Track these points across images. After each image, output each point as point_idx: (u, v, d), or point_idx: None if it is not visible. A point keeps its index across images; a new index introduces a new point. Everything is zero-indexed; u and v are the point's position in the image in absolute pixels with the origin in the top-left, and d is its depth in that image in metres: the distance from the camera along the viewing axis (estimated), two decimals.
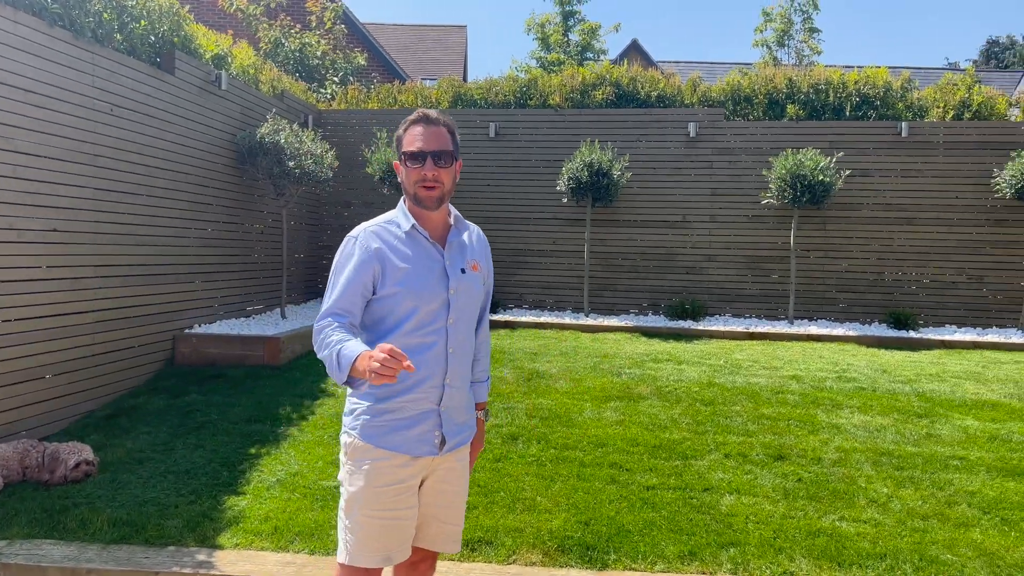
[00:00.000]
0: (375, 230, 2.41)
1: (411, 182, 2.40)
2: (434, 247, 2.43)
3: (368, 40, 18.89)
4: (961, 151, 9.45)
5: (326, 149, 8.59)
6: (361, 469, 2.36)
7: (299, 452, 5.16)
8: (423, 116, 2.41)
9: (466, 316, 2.48)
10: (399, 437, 2.36)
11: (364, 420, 2.38)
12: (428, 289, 2.36)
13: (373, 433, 2.36)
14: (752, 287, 9.89)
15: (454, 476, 2.53)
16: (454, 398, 2.45)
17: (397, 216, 2.46)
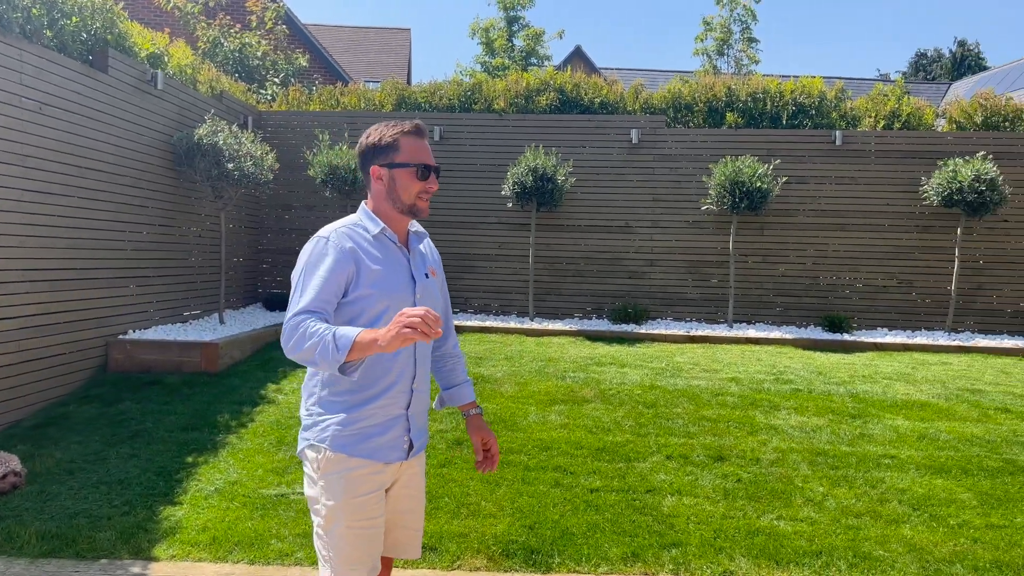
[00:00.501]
0: (345, 231, 2.35)
1: (413, 192, 2.38)
2: (401, 251, 2.42)
3: (310, 41, 18.65)
4: (891, 159, 9.79)
5: (266, 151, 8.45)
6: (338, 481, 2.30)
7: (238, 460, 5.05)
8: (421, 128, 2.42)
9: None
10: (372, 444, 2.32)
11: (334, 431, 2.31)
12: (399, 291, 2.36)
13: (346, 443, 2.30)
14: (693, 291, 10.06)
15: (416, 481, 2.53)
16: (420, 402, 2.45)
17: (363, 220, 2.41)
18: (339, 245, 2.30)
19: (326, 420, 2.32)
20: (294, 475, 4.82)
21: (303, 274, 2.29)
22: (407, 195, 2.38)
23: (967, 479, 4.96)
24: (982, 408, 6.38)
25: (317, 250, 2.31)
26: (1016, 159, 9.57)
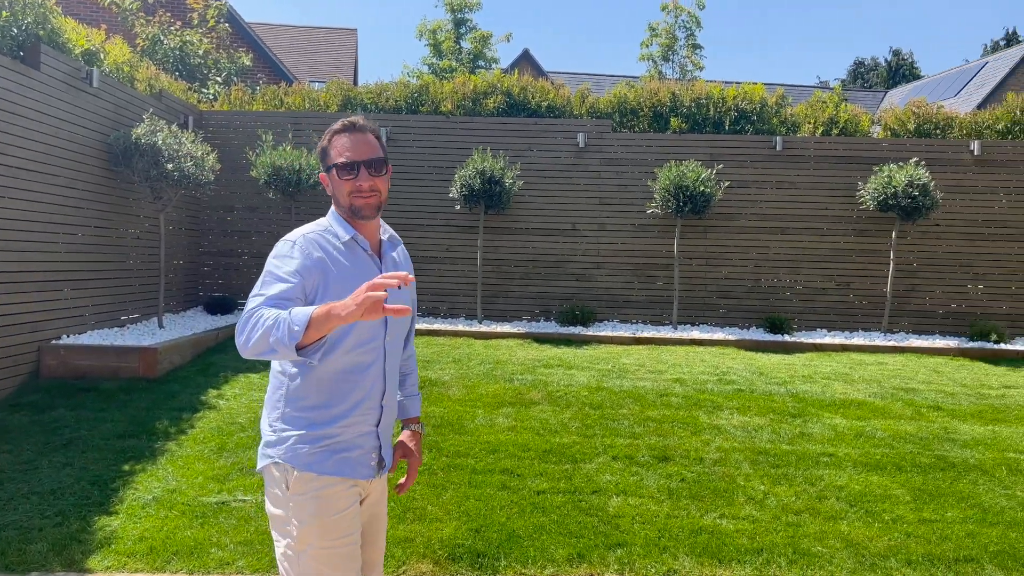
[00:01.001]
0: (313, 237, 2.23)
1: (345, 194, 2.26)
2: (372, 259, 2.31)
3: (254, 40, 18.34)
4: (829, 165, 10.05)
5: (207, 151, 8.27)
6: (309, 502, 2.18)
7: (177, 467, 4.93)
8: (349, 124, 2.28)
9: (399, 334, 2.38)
10: (340, 460, 2.21)
11: (300, 449, 2.18)
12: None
13: (313, 460, 2.18)
14: (639, 294, 10.17)
15: (383, 497, 2.45)
16: (390, 417, 2.36)
17: (332, 225, 2.29)
18: (305, 251, 2.19)
19: (291, 437, 2.20)
20: (235, 482, 4.72)
21: (264, 275, 2.17)
22: (343, 197, 2.27)
23: (901, 475, 5.11)
24: (915, 406, 6.59)
25: (282, 252, 2.20)
26: (947, 165, 9.91)
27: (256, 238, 10.34)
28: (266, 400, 2.31)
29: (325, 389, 2.21)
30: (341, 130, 2.28)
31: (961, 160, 9.94)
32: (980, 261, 9.96)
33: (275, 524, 2.24)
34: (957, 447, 5.64)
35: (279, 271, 2.15)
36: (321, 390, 2.21)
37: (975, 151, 9.83)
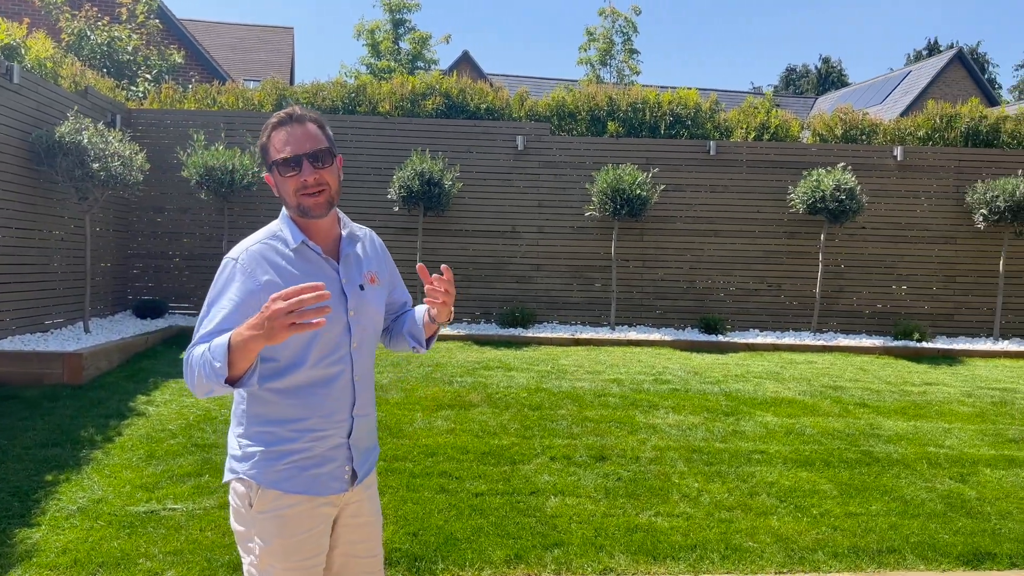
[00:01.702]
0: (259, 250, 2.06)
1: (291, 192, 2.06)
2: (327, 263, 2.13)
3: (186, 37, 17.90)
4: (761, 169, 10.31)
5: (136, 151, 8.04)
6: (272, 520, 2.07)
7: (103, 477, 4.77)
8: (286, 116, 2.08)
9: (369, 338, 2.21)
10: (308, 477, 2.09)
11: (265, 466, 2.07)
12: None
13: (278, 478, 2.06)
14: (577, 295, 10.26)
15: (366, 507, 2.29)
16: (362, 427, 2.22)
17: (282, 230, 2.11)
18: (247, 270, 2.03)
19: (255, 454, 2.08)
20: (165, 490, 4.60)
21: (206, 303, 2.04)
22: (290, 196, 2.08)
23: (828, 470, 5.27)
24: (843, 404, 6.80)
25: (224, 276, 2.05)
26: (872, 170, 10.27)
27: (188, 240, 10.09)
28: (232, 411, 2.18)
29: (290, 404, 2.08)
30: (279, 123, 2.08)
31: (885, 165, 10.31)
32: (903, 263, 10.35)
33: (239, 539, 2.15)
34: (882, 442, 5.85)
35: (217, 300, 2.02)
36: (286, 405, 2.08)
37: (898, 156, 10.21)
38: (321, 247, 2.14)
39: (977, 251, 10.33)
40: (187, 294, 10.05)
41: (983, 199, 9.69)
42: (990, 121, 10.66)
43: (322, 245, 2.15)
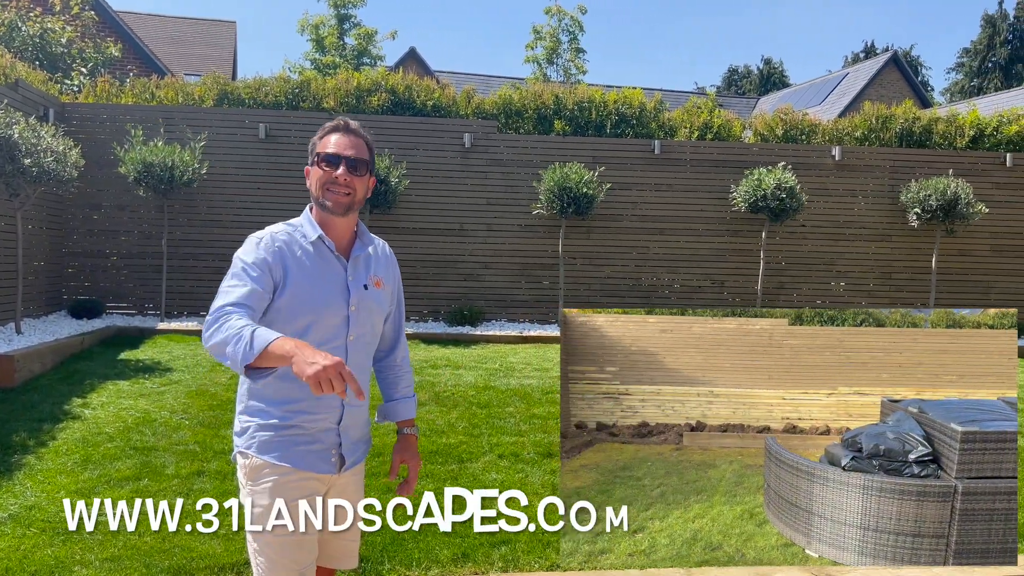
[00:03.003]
0: (281, 235, 2.31)
1: (319, 184, 2.32)
2: (338, 260, 2.35)
3: (123, 30, 17.41)
4: (704, 168, 10.48)
5: (70, 146, 7.79)
6: (265, 487, 2.26)
7: (36, 483, 4.62)
8: (344, 124, 2.35)
9: (366, 334, 2.41)
10: (298, 451, 2.28)
11: (259, 437, 2.27)
12: (326, 304, 2.28)
13: (271, 448, 2.26)
14: (525, 293, 10.30)
15: (350, 491, 2.46)
16: (354, 416, 2.40)
17: (303, 223, 2.37)
18: (271, 248, 2.26)
19: (252, 425, 2.29)
20: (102, 495, 4.46)
21: (232, 270, 2.22)
22: (317, 189, 2.33)
23: None
24: None
25: (249, 247, 2.26)
26: (811, 169, 10.52)
27: (126, 238, 9.82)
28: (237, 393, 2.38)
29: (286, 385, 2.24)
30: (335, 128, 2.35)
31: (824, 164, 10.58)
32: (841, 260, 10.64)
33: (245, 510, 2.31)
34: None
35: (246, 267, 2.20)
36: (281, 385, 2.25)
37: (836, 156, 10.49)
38: (336, 244, 2.36)
39: (911, 248, 10.68)
40: (125, 293, 9.78)
41: (916, 198, 10.02)
42: (923, 123, 11.02)
43: (337, 243, 2.37)
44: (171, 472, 4.79)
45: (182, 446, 5.17)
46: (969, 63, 46.80)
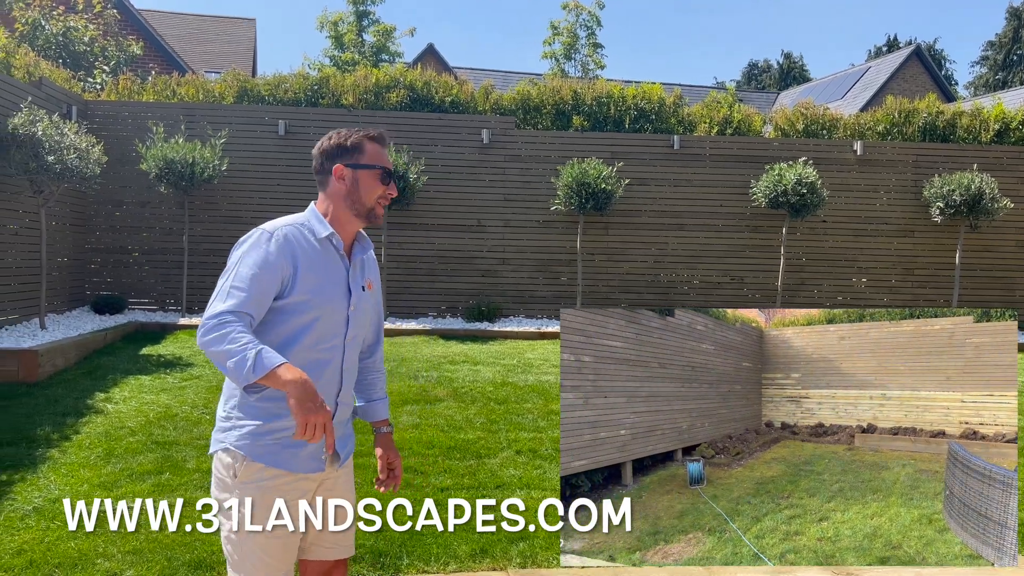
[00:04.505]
0: (289, 230, 2.28)
1: (373, 196, 2.36)
2: (342, 260, 2.38)
3: (145, 27, 17.56)
4: (724, 163, 10.41)
5: (93, 143, 7.87)
6: (255, 490, 2.26)
7: (60, 476, 4.68)
8: (382, 136, 2.41)
9: (360, 334, 2.47)
10: (289, 454, 2.28)
11: (252, 439, 2.25)
12: (332, 303, 2.32)
13: (263, 452, 2.25)
14: (543, 289, 10.29)
15: (340, 484, 2.49)
16: (344, 413, 2.44)
17: (311, 221, 2.35)
18: (281, 244, 2.23)
19: (244, 426, 2.26)
20: (124, 489, 4.52)
21: (237, 264, 2.19)
22: (369, 198, 2.35)
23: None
24: None
25: (257, 243, 2.23)
26: (832, 164, 10.42)
27: (147, 234, 9.91)
28: (224, 384, 2.34)
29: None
30: (376, 137, 2.39)
31: (845, 159, 10.48)
32: (863, 256, 10.53)
33: (219, 508, 2.31)
34: None
35: (251, 267, 2.18)
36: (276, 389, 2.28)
37: (858, 151, 10.38)
38: (342, 245, 2.39)
39: (934, 245, 10.55)
40: (147, 289, 9.87)
41: (940, 193, 9.89)
42: (946, 116, 10.88)
43: (344, 245, 2.40)
44: (192, 467, 4.83)
45: (203, 441, 5.22)
46: (994, 56, 46.13)
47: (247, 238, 2.26)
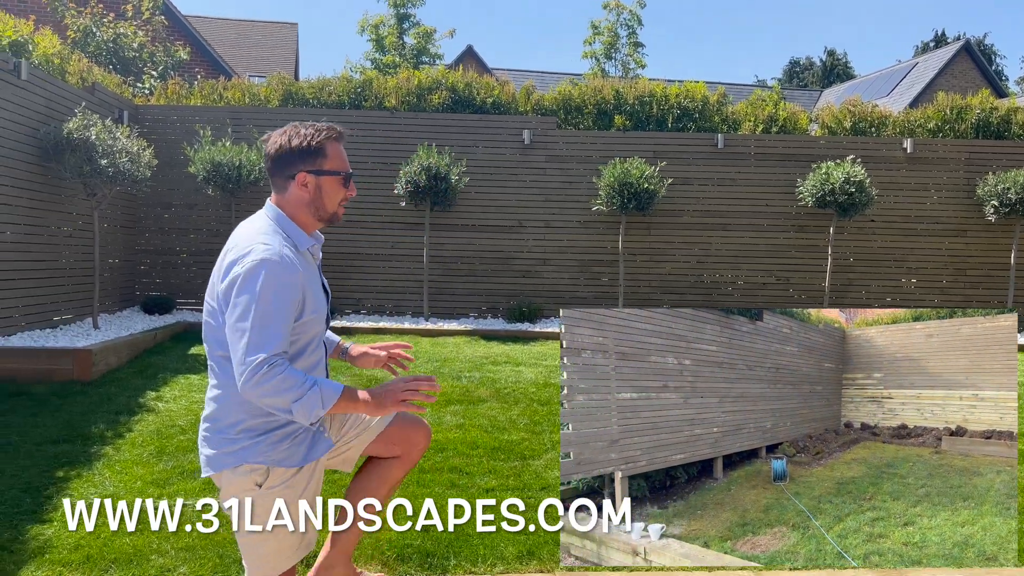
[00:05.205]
0: (288, 253, 2.26)
1: (336, 200, 2.38)
2: (316, 266, 2.44)
3: (191, 33, 17.89)
4: (769, 162, 10.26)
5: (143, 147, 8.03)
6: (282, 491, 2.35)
7: (115, 473, 4.77)
8: (340, 133, 2.40)
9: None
10: (304, 449, 2.38)
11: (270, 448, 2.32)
12: (323, 311, 2.40)
13: (282, 457, 2.33)
14: (584, 290, 10.24)
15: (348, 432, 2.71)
16: None
17: (293, 233, 2.34)
18: (293, 268, 2.23)
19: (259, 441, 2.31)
20: (176, 486, 4.60)
21: (258, 301, 2.15)
22: (331, 203, 2.37)
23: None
24: None
25: (271, 276, 2.18)
26: (881, 162, 10.21)
27: (195, 236, 10.09)
28: (219, 403, 2.34)
29: None
30: (337, 137, 2.38)
31: (895, 158, 10.26)
32: (913, 256, 10.30)
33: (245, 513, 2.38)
34: None
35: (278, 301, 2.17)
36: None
37: (908, 149, 10.16)
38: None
39: (988, 244, 10.27)
40: (194, 290, 10.05)
41: (994, 191, 9.63)
42: (1001, 112, 10.59)
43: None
44: None
45: None
46: None
47: (255, 271, 2.18)
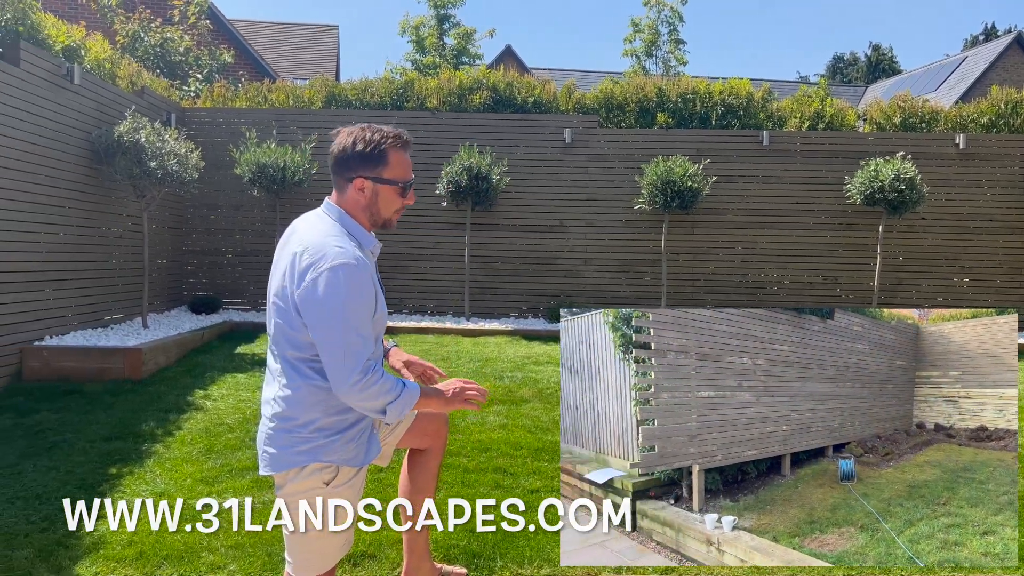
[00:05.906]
0: (363, 256, 2.30)
1: (393, 209, 2.39)
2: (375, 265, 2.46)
3: (235, 37, 18.16)
4: (816, 159, 10.07)
5: (191, 149, 8.16)
6: (345, 490, 2.41)
7: (165, 470, 4.85)
8: (406, 141, 2.40)
9: None
10: (365, 447, 2.45)
11: (342, 448, 2.37)
12: (386, 310, 2.43)
13: (349, 456, 2.38)
14: (626, 289, 10.16)
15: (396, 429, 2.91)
16: None
17: (361, 236, 2.37)
18: (366, 268, 2.26)
19: (334, 440, 2.36)
20: (225, 484, 4.65)
21: (345, 309, 2.19)
22: (387, 211, 2.38)
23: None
24: None
25: (354, 277, 2.20)
26: (932, 159, 9.96)
27: (240, 236, 10.23)
28: (299, 399, 2.32)
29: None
30: (401, 145, 2.37)
31: (946, 154, 9.99)
32: (966, 255, 10.03)
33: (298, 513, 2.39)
34: None
35: (362, 315, 2.24)
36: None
37: (960, 145, 9.89)
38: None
39: None
40: (240, 290, 10.20)
41: None
42: None
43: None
44: None
45: None
46: None
47: (336, 277, 2.18)
